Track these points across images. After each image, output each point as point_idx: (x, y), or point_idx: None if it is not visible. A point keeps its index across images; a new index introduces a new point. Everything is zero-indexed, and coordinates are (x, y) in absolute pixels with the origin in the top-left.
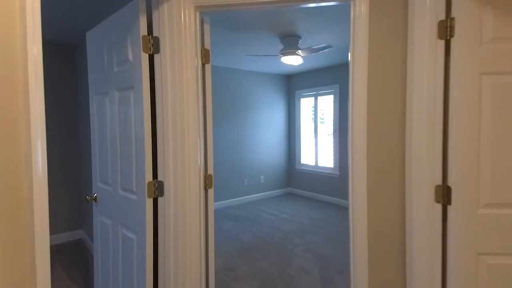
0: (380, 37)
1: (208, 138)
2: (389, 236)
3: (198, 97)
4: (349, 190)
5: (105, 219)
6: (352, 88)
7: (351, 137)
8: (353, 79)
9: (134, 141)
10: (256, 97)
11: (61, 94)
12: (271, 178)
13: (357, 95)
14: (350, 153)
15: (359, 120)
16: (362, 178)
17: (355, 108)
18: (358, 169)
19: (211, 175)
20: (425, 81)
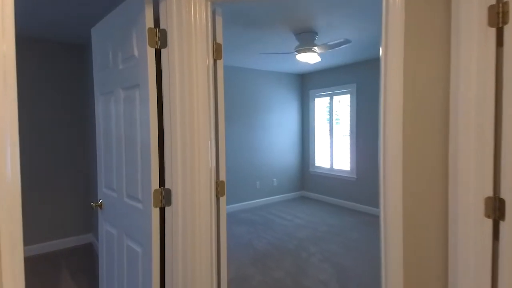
0: (417, 26)
1: (220, 141)
2: (429, 255)
3: (209, 96)
4: (380, 202)
5: (110, 227)
6: (384, 86)
7: (382, 141)
8: (385, 76)
9: (139, 144)
10: (269, 97)
11: (71, 95)
12: (284, 181)
13: (391, 93)
14: (381, 159)
15: (393, 122)
16: (396, 189)
17: (388, 109)
18: (391, 178)
19: (223, 181)
20: (473, 77)
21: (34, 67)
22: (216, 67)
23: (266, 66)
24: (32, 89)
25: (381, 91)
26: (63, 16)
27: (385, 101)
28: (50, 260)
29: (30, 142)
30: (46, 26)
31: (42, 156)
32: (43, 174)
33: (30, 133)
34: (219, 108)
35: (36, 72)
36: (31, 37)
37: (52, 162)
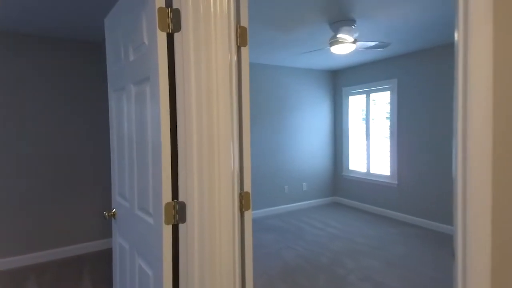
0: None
1: (244, 145)
2: None
3: (231, 90)
4: (457, 216)
5: (122, 241)
6: (463, 78)
7: (460, 144)
8: (466, 65)
9: (150, 148)
10: (297, 96)
11: (93, 94)
12: (315, 185)
13: (476, 87)
14: (458, 166)
15: (479, 121)
16: (483, 201)
17: (471, 105)
18: (476, 190)
19: (248, 193)
20: None
21: (54, 67)
22: (240, 55)
23: (294, 63)
24: (52, 89)
25: (458, 85)
26: (81, 13)
27: (465, 98)
28: (73, 264)
29: (53, 143)
30: (64, 25)
31: (63, 157)
32: (65, 176)
33: (52, 134)
34: (244, 104)
35: (55, 72)
36: (50, 37)
37: (74, 163)
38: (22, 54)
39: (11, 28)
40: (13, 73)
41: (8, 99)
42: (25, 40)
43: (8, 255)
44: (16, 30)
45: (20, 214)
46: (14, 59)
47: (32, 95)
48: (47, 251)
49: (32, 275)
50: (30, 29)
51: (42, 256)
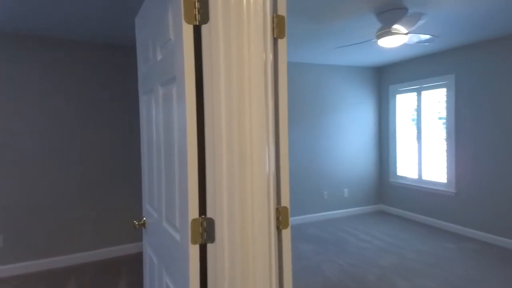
0: None
1: (281, 152)
2: None
3: (266, 89)
4: None
5: (152, 253)
6: None
7: None
8: None
9: (176, 156)
10: (338, 95)
11: (129, 98)
12: (358, 191)
13: None
14: None
15: None
16: None
17: None
18: None
19: (286, 208)
20: None
21: (88, 71)
22: (276, 48)
23: (334, 60)
24: (86, 92)
25: None
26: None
27: None
28: (111, 266)
29: (90, 145)
30: (97, 29)
31: (99, 158)
32: (104, 178)
33: (88, 137)
34: (281, 104)
35: (89, 76)
36: (82, 40)
37: (109, 164)
38: (58, 59)
39: (44, 33)
40: (48, 77)
41: (44, 103)
42: (60, 44)
43: (49, 255)
44: (52, 35)
45: (60, 214)
46: (49, 63)
47: (66, 99)
48: (86, 252)
49: (73, 276)
50: (62, 33)
51: (81, 257)
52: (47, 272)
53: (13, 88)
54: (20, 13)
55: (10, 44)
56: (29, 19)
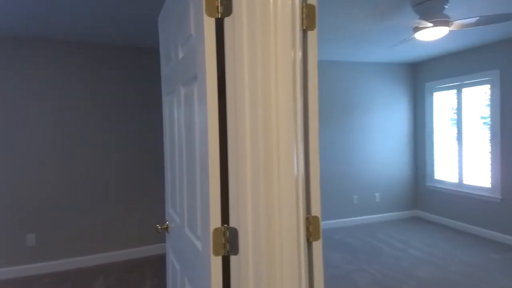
0: None
1: (311, 156)
2: None
3: (295, 88)
4: None
5: (174, 260)
6: None
7: None
8: None
9: (198, 158)
10: (369, 94)
11: (153, 99)
12: (390, 196)
13: None
14: None
15: None
16: None
17: None
18: None
19: (317, 217)
20: None
21: (114, 73)
22: (306, 41)
23: (363, 57)
24: (113, 94)
25: None
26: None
27: None
28: (136, 267)
29: (117, 146)
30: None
31: (126, 160)
32: (129, 179)
33: (118, 138)
34: (311, 103)
35: (115, 77)
36: (114, 45)
37: (136, 165)
38: (86, 62)
39: (73, 37)
40: (78, 82)
41: (70, 105)
42: (87, 48)
43: (78, 254)
44: (80, 39)
45: (88, 215)
46: (79, 68)
47: (92, 100)
48: (113, 252)
49: (100, 275)
50: (88, 37)
51: (108, 257)
52: (76, 270)
53: (44, 89)
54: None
55: (48, 49)
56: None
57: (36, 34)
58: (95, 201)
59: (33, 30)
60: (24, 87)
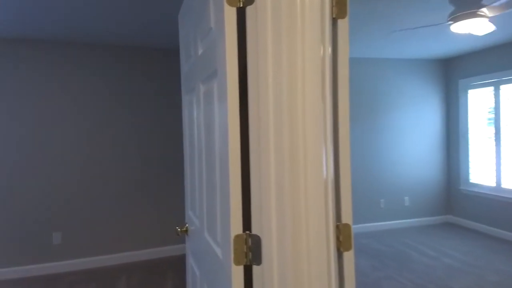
0: None
1: (342, 158)
2: None
3: (324, 83)
4: None
5: (194, 264)
6: None
7: None
8: None
9: (217, 159)
10: (397, 93)
11: (178, 100)
12: (421, 200)
13: None
14: None
15: None
16: None
17: None
18: None
19: (348, 225)
20: None
21: (138, 74)
22: (336, 31)
23: (392, 53)
24: (137, 95)
25: None
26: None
27: None
28: (158, 267)
29: (140, 147)
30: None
31: (149, 160)
32: (151, 180)
33: (141, 139)
34: (341, 103)
35: (140, 79)
36: (138, 46)
37: (160, 166)
38: (110, 64)
39: (94, 39)
40: (101, 84)
41: (97, 108)
42: (108, 49)
43: (102, 253)
44: (101, 41)
45: (112, 214)
46: (102, 69)
47: (117, 102)
48: (136, 251)
49: (123, 274)
50: (109, 39)
51: (130, 256)
52: (100, 269)
53: (68, 90)
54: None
55: (71, 51)
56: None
57: (59, 37)
58: (119, 201)
59: (57, 33)
60: (50, 89)
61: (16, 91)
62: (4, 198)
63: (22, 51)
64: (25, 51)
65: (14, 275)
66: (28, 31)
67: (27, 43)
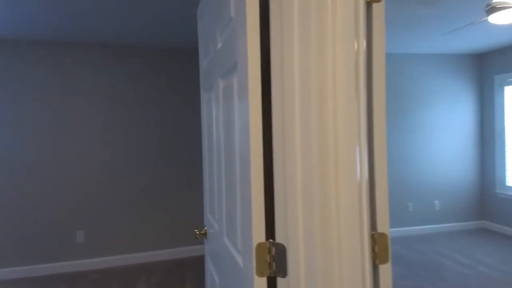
0: None
1: (377, 160)
2: None
3: (357, 76)
4: None
5: (213, 269)
6: None
7: None
8: None
9: (237, 163)
10: (426, 89)
11: (198, 104)
12: (453, 204)
13: None
14: None
15: None
16: None
17: None
18: None
19: (384, 235)
20: None
21: (156, 76)
22: (371, 16)
23: (421, 48)
24: (156, 95)
25: None
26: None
27: None
28: (177, 267)
29: (160, 148)
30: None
31: (171, 161)
32: (172, 180)
33: (161, 141)
34: (377, 100)
35: (158, 80)
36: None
37: (181, 165)
38: (132, 66)
39: (110, 40)
40: (124, 86)
41: (121, 110)
42: (130, 51)
43: (123, 252)
44: (124, 43)
45: (133, 214)
46: (123, 71)
47: (140, 104)
48: (157, 251)
49: (143, 274)
50: (130, 41)
51: (151, 256)
52: (121, 268)
53: (92, 94)
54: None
55: (92, 52)
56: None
57: (72, 39)
58: (140, 201)
59: (81, 36)
60: (76, 92)
61: (40, 92)
62: (30, 198)
63: (42, 52)
64: (44, 53)
65: (39, 272)
66: (47, 33)
67: (46, 45)
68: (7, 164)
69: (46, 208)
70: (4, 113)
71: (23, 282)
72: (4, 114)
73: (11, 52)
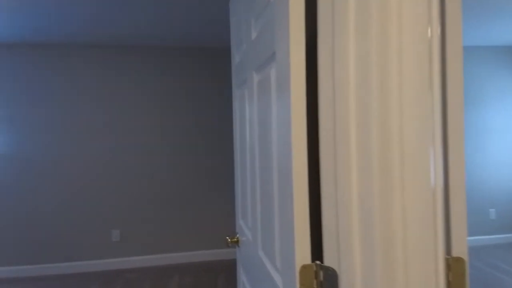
0: None
1: (452, 166)
2: None
3: (431, 69)
4: None
5: (246, 282)
6: None
7: None
8: None
9: (275, 168)
10: (480, 86)
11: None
12: (511, 213)
13: None
14: None
15: None
16: None
17: None
18: None
19: (462, 260)
20: None
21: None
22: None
23: (473, 39)
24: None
25: None
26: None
27: None
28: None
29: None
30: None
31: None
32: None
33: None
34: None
35: (185, 81)
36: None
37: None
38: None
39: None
40: (150, 88)
41: (151, 112)
42: (148, 51)
43: (157, 252)
44: (140, 43)
45: (169, 214)
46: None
47: (170, 106)
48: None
49: (176, 274)
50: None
51: (184, 257)
52: (154, 267)
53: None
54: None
55: (107, 54)
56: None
57: (98, 41)
58: (175, 202)
59: (96, 37)
60: (105, 94)
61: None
62: (68, 197)
63: (73, 55)
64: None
65: (75, 270)
66: (75, 37)
67: (78, 48)
68: (44, 164)
69: (83, 207)
70: (42, 115)
71: (57, 278)
72: (43, 116)
73: (17, 54)
